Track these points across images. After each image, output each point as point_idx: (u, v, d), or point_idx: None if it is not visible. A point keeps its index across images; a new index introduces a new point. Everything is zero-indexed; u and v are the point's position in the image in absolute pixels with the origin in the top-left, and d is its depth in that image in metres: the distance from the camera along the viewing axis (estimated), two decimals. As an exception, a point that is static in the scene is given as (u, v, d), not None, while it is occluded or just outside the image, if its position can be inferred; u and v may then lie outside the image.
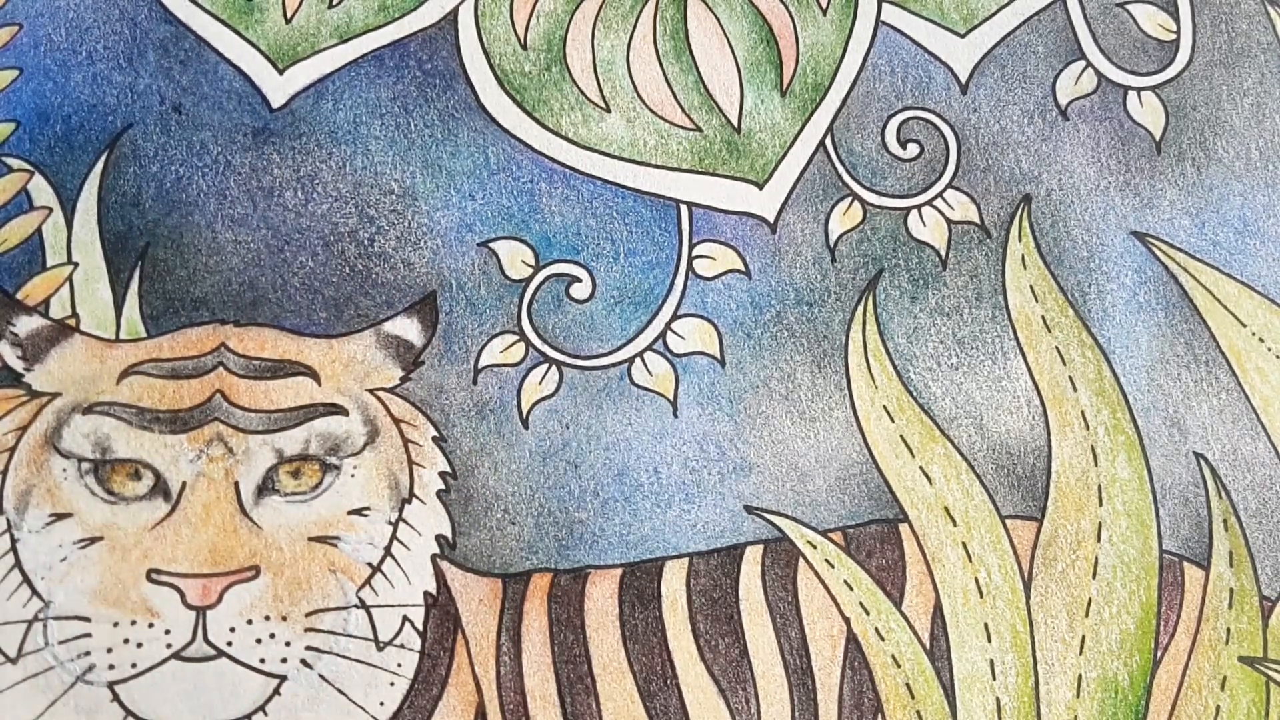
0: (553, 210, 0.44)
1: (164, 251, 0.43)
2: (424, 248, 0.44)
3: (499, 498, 0.42)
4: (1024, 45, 0.47)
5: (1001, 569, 0.43)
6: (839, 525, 0.43)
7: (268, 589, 0.40)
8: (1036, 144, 0.46)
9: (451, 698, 0.40)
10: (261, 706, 0.40)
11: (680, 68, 0.46)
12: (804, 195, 0.45)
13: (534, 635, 0.41)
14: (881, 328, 0.44)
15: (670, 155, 0.45)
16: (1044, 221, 0.46)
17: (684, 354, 0.44)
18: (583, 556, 0.42)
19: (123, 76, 0.44)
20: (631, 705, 0.41)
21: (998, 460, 0.44)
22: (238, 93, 0.45)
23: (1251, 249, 0.46)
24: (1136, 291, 0.45)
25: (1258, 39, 0.48)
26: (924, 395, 0.44)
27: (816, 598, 0.42)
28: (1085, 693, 0.42)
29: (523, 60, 0.46)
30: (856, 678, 0.42)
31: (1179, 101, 0.47)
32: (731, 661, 0.41)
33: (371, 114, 0.45)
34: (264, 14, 0.45)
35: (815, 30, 0.47)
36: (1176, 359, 0.45)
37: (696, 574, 0.42)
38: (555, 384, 0.43)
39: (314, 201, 0.44)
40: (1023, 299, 0.45)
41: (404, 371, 0.43)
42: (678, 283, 0.44)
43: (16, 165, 0.43)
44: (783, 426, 0.43)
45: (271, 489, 0.40)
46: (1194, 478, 0.44)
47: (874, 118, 0.46)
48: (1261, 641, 0.43)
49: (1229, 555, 0.43)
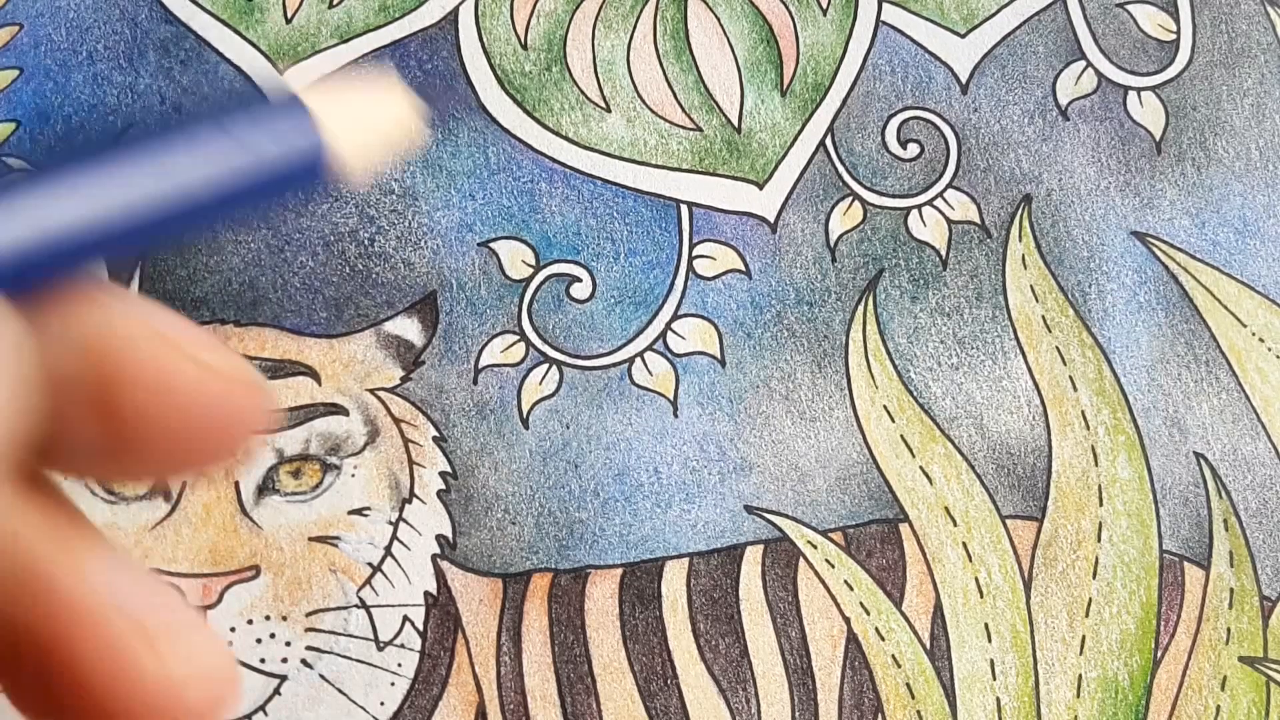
0: (553, 210, 0.44)
1: (164, 251, 0.43)
2: (424, 248, 0.44)
3: (499, 498, 0.42)
4: (1024, 45, 0.47)
5: (1002, 569, 0.43)
6: (839, 525, 0.43)
7: (268, 589, 0.40)
8: (1037, 144, 0.46)
9: (452, 697, 0.40)
10: (261, 706, 0.40)
11: (680, 67, 0.46)
12: (804, 195, 0.45)
13: (534, 635, 0.41)
14: (882, 328, 0.44)
15: (670, 155, 0.45)
16: (1044, 221, 0.46)
17: (684, 354, 0.44)
18: (583, 556, 0.42)
19: (123, 77, 0.44)
20: (632, 705, 0.41)
21: (998, 460, 0.44)
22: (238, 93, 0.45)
23: (1252, 249, 0.46)
24: (1137, 291, 0.45)
25: (1258, 39, 0.48)
26: (924, 395, 0.44)
27: (817, 598, 0.42)
28: (1085, 693, 0.42)
29: (523, 60, 0.46)
30: (857, 678, 0.42)
31: (1179, 101, 0.47)
32: (732, 661, 0.41)
33: (372, 114, 0.45)
34: (264, 14, 0.45)
35: (815, 30, 0.47)
36: (1177, 359, 0.45)
37: (697, 574, 0.42)
38: (555, 384, 0.43)
39: (314, 201, 0.44)
40: (1023, 299, 0.45)
41: (404, 371, 0.43)
42: (678, 283, 0.44)
43: (17, 165, 0.43)
44: (783, 426, 0.43)
45: (271, 489, 0.40)
46: (1194, 478, 0.44)
47: (874, 118, 0.46)
48: (1261, 641, 0.43)
49: (1229, 555, 0.43)
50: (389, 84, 0.22)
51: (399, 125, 0.22)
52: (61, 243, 0.17)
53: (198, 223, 0.19)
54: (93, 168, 0.17)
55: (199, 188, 0.18)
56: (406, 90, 0.23)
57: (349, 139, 0.20)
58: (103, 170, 0.17)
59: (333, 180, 0.20)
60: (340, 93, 0.20)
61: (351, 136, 0.20)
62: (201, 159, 0.18)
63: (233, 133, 0.18)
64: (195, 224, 0.19)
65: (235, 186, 0.18)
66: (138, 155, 0.18)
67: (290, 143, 0.19)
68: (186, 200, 0.18)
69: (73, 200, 0.17)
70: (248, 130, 0.19)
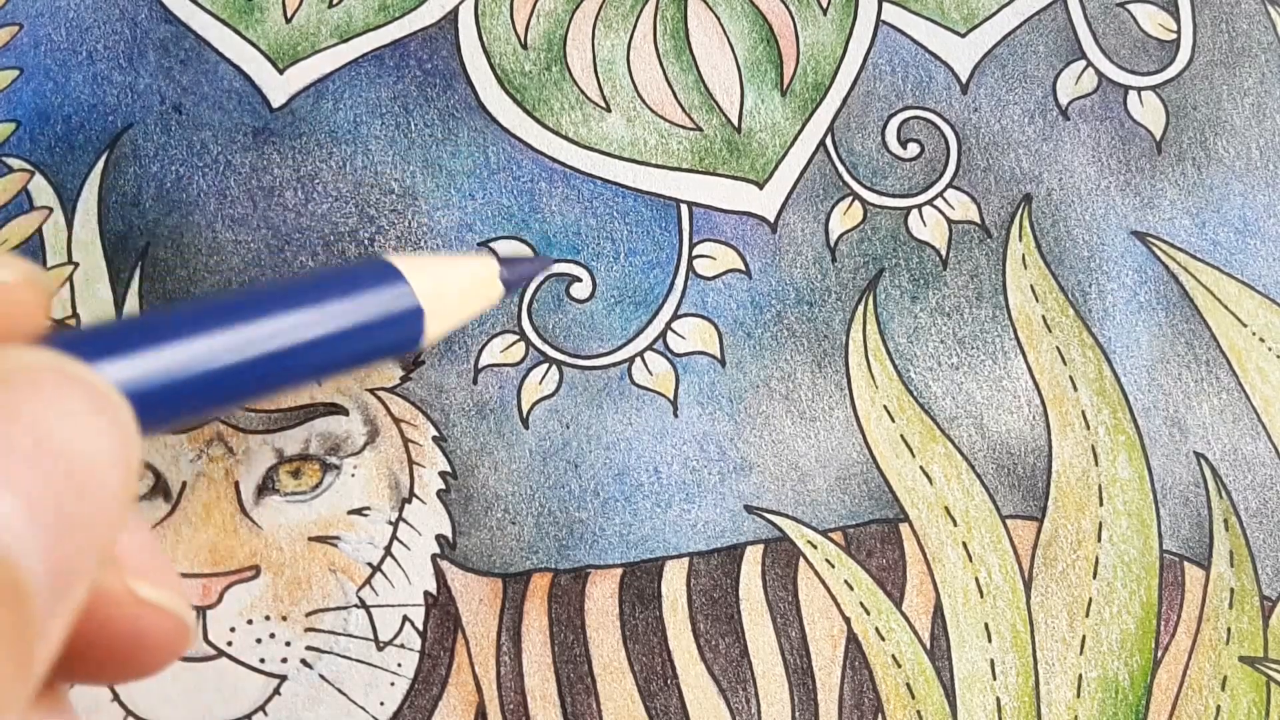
0: (553, 210, 0.44)
1: (164, 251, 0.43)
2: (424, 247, 0.44)
3: (499, 498, 0.42)
4: (1024, 45, 0.47)
5: (1002, 569, 0.43)
6: (839, 525, 0.43)
7: (268, 589, 0.40)
8: (1037, 143, 0.46)
9: (451, 697, 0.40)
10: (261, 706, 0.40)
11: (680, 67, 0.46)
12: (804, 195, 0.45)
13: (534, 635, 0.41)
14: (882, 327, 0.44)
15: (670, 155, 0.45)
16: (1044, 221, 0.46)
17: (684, 354, 0.44)
18: (583, 556, 0.42)
19: (123, 76, 0.44)
20: (631, 705, 0.41)
21: (998, 460, 0.43)
22: (238, 92, 0.45)
23: (1252, 249, 0.46)
24: (1137, 291, 0.45)
25: (1258, 39, 0.48)
26: (924, 395, 0.44)
27: (817, 598, 0.42)
28: (1085, 693, 0.42)
29: (523, 60, 0.46)
30: (857, 678, 0.42)
31: (1179, 101, 0.47)
32: (732, 661, 0.41)
33: (372, 114, 0.45)
34: (264, 14, 0.45)
35: (816, 30, 0.47)
36: (1177, 359, 0.45)
37: (697, 574, 0.42)
38: (555, 384, 0.43)
39: (314, 201, 0.44)
40: (1023, 299, 0.45)
41: (404, 371, 0.43)
42: (678, 282, 0.44)
43: (17, 165, 0.43)
44: (783, 426, 0.43)
45: (271, 489, 0.40)
46: (1194, 477, 0.44)
47: (874, 117, 0.46)
48: (1262, 641, 0.43)
49: (1229, 555, 0.43)
50: (477, 257, 0.25)
51: (484, 294, 0.25)
52: (190, 384, 0.19)
53: (307, 374, 0.21)
54: (219, 320, 0.19)
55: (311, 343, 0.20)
56: (492, 261, 0.25)
57: (439, 305, 0.22)
58: (226, 323, 0.19)
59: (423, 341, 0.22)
60: (434, 264, 0.23)
61: (442, 304, 0.23)
62: (313, 319, 0.20)
63: (338, 296, 0.21)
64: (304, 375, 0.21)
65: (340, 345, 0.21)
66: (259, 311, 0.20)
67: (390, 307, 0.21)
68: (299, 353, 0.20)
69: (202, 349, 0.19)
70: (351, 294, 0.21)
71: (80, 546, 0.15)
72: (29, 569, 0.14)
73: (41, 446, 0.15)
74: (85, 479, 0.15)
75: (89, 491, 0.15)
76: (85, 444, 0.16)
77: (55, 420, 0.15)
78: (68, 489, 0.15)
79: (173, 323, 0.19)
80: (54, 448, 0.15)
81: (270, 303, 0.20)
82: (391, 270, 0.22)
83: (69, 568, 0.15)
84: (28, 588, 0.14)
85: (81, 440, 0.15)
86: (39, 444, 0.15)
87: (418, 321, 0.23)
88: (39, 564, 0.15)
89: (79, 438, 0.15)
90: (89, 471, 0.15)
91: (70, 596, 0.15)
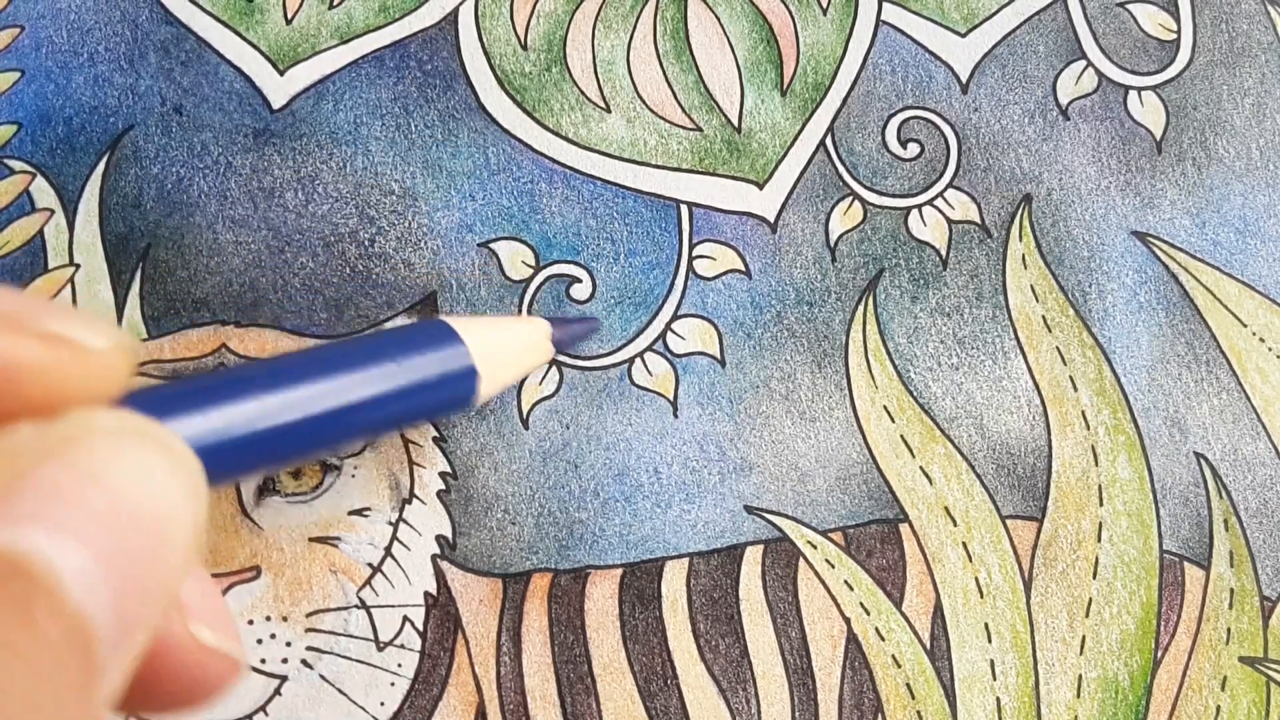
0: (553, 210, 0.44)
1: (165, 253, 0.43)
2: (424, 248, 0.44)
3: (499, 498, 0.42)
4: (1024, 45, 0.47)
5: (1002, 569, 0.43)
6: (839, 525, 0.43)
7: (268, 589, 0.40)
8: (1037, 143, 0.46)
9: (451, 698, 0.41)
10: (262, 707, 0.40)
11: (680, 68, 0.46)
12: (804, 195, 0.45)
13: (534, 635, 0.41)
14: (882, 328, 0.44)
15: (670, 155, 0.45)
16: (1044, 221, 0.45)
17: (684, 354, 0.44)
18: (583, 556, 0.42)
19: (124, 78, 0.45)
20: (631, 705, 0.41)
21: (998, 460, 0.44)
22: (238, 94, 0.45)
23: (1252, 249, 0.46)
24: (1137, 291, 0.45)
25: (1258, 39, 0.48)
26: (924, 395, 0.44)
27: (817, 598, 0.42)
28: (1085, 693, 0.42)
29: (523, 60, 0.46)
30: (857, 678, 0.42)
31: (1179, 101, 0.47)
32: (732, 661, 0.42)
33: (372, 115, 0.45)
34: (264, 15, 0.45)
35: (815, 30, 0.47)
36: (1177, 359, 0.45)
37: (697, 574, 0.42)
38: (555, 384, 0.43)
39: (314, 202, 0.44)
40: (1023, 299, 0.45)
41: (404, 372, 0.43)
42: (678, 283, 0.44)
43: (18, 167, 0.43)
44: (783, 426, 0.43)
45: (272, 489, 0.40)
46: (1194, 478, 0.44)
47: (874, 117, 0.46)
48: (1262, 641, 0.43)
49: (1229, 555, 0.43)
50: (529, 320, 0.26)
51: (535, 356, 0.27)
52: (256, 441, 0.20)
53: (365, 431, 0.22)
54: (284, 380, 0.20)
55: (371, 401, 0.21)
56: (544, 324, 0.27)
57: (492, 367, 0.24)
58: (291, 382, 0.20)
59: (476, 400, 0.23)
60: (488, 325, 0.24)
61: (495, 365, 0.24)
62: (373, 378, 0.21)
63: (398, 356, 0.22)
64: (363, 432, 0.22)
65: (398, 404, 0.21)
66: (323, 371, 0.21)
67: (446, 367, 0.23)
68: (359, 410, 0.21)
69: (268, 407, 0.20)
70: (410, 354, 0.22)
71: (146, 599, 0.16)
72: (97, 621, 0.16)
73: (118, 506, 0.16)
74: (156, 537, 0.17)
75: (158, 548, 0.17)
76: (159, 504, 0.17)
77: (133, 482, 0.17)
78: (139, 546, 0.16)
79: (241, 382, 0.20)
80: (129, 508, 0.16)
81: (333, 362, 0.21)
82: (449, 331, 0.23)
83: (135, 619, 0.16)
84: (94, 638, 0.15)
85: (155, 501, 0.17)
86: (115, 504, 0.16)
87: (472, 381, 0.24)
88: (108, 615, 0.16)
89: (154, 498, 0.17)
90: (160, 530, 0.17)
91: (134, 644, 0.16)
